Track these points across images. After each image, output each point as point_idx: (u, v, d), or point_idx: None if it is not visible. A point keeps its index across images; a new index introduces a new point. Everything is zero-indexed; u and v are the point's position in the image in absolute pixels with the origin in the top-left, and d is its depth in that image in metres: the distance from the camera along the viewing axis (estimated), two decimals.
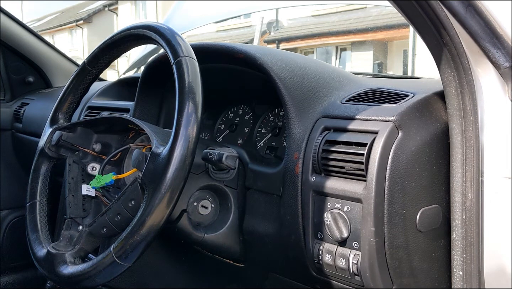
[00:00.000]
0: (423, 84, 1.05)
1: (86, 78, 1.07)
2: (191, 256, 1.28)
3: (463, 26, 0.74)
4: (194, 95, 0.81)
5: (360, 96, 0.96)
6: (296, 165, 0.93)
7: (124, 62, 4.66)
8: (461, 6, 0.73)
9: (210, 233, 1.04)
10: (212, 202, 1.04)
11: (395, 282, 0.83)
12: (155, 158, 0.82)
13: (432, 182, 0.83)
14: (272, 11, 3.59)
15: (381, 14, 3.82)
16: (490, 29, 0.73)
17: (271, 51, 1.17)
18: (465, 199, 0.79)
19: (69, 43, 21.14)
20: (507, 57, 0.73)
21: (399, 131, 0.81)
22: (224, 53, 1.12)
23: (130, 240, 0.78)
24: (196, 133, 0.79)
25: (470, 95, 0.78)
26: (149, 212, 0.77)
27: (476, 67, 0.77)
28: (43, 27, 21.02)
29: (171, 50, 0.86)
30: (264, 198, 1.02)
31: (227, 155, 0.98)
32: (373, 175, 0.80)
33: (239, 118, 1.27)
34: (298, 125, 0.96)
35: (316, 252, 0.89)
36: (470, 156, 0.78)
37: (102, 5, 20.08)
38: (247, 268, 1.11)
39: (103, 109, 1.52)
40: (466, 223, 0.79)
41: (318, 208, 0.89)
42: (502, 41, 0.73)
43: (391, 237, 0.80)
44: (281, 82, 0.99)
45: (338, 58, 7.83)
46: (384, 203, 0.80)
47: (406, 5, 0.78)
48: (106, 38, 1.02)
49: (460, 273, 0.81)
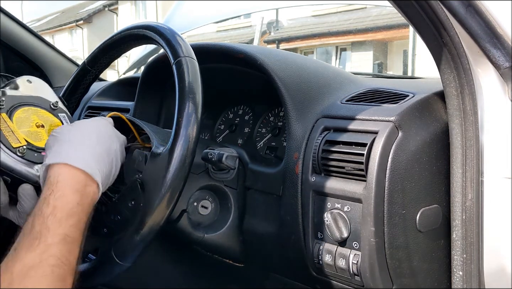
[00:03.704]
0: (423, 84, 1.05)
1: (86, 78, 1.07)
2: (191, 256, 1.28)
3: (463, 26, 0.74)
4: (194, 95, 0.81)
5: (360, 97, 0.96)
6: (296, 165, 0.93)
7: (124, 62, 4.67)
8: (461, 6, 0.73)
9: (210, 233, 1.04)
10: (212, 202, 1.04)
11: (395, 282, 0.83)
12: (155, 158, 0.82)
13: (432, 182, 0.83)
14: (272, 11, 3.60)
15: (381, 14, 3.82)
16: (490, 29, 0.73)
17: (271, 52, 1.17)
18: (465, 199, 0.79)
19: (69, 43, 21.14)
20: (507, 57, 0.73)
21: (399, 132, 0.81)
22: (224, 53, 1.12)
23: (130, 240, 0.78)
24: (196, 134, 0.79)
25: (470, 95, 0.78)
26: (149, 212, 0.77)
27: (476, 67, 0.77)
28: (43, 27, 21.02)
29: (171, 50, 0.86)
30: (264, 198, 1.02)
31: (227, 155, 0.98)
32: (373, 175, 0.80)
33: (239, 119, 1.27)
34: (298, 126, 0.96)
35: (316, 252, 0.89)
36: (470, 156, 0.78)
37: (102, 5, 20.08)
38: (247, 268, 1.11)
39: (103, 109, 1.52)
40: (466, 223, 0.79)
41: (318, 208, 0.89)
42: (502, 41, 0.73)
43: (391, 237, 0.80)
44: (281, 82, 0.99)
45: (338, 59, 7.84)
46: (384, 203, 0.80)
47: (406, 5, 0.78)
48: (106, 38, 1.02)
49: (460, 273, 0.81)
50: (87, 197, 0.73)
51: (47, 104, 0.94)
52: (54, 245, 0.66)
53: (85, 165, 0.74)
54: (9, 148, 0.83)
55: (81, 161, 0.74)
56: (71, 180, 0.73)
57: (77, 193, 0.72)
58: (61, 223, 0.68)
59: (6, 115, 0.86)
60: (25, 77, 0.94)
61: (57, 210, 0.69)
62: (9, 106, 0.88)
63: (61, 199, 0.70)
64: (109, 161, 0.80)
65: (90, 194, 0.74)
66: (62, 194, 0.71)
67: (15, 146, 0.84)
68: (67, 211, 0.70)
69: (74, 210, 0.70)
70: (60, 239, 0.67)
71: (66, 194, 0.71)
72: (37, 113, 0.91)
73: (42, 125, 0.90)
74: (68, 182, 0.72)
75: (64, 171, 0.73)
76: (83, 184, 0.73)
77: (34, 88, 0.94)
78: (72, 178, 0.73)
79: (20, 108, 0.89)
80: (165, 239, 1.20)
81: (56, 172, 0.73)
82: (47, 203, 0.69)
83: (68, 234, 0.68)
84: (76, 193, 0.72)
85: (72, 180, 0.73)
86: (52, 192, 0.71)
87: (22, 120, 0.88)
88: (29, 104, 0.91)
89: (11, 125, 0.86)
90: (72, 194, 0.71)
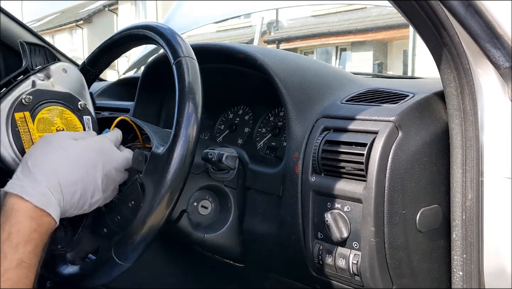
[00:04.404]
0: (423, 84, 1.05)
1: (86, 78, 1.07)
2: (191, 256, 1.28)
3: (463, 26, 0.74)
4: (194, 95, 0.81)
5: (360, 97, 0.96)
6: (296, 165, 0.93)
7: (124, 62, 4.67)
8: (461, 6, 0.73)
9: (210, 233, 1.04)
10: (212, 202, 1.04)
11: (395, 282, 0.83)
12: (155, 158, 0.82)
13: (432, 182, 0.83)
14: (272, 11, 3.59)
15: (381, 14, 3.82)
16: (490, 29, 0.73)
17: (271, 52, 1.17)
18: (465, 199, 0.79)
19: (69, 43, 21.13)
20: (507, 57, 0.73)
21: (399, 132, 0.81)
22: (224, 53, 1.12)
23: (130, 240, 0.78)
24: (196, 134, 0.79)
25: (470, 95, 0.78)
26: (149, 212, 0.77)
27: (476, 67, 0.77)
28: (43, 27, 21.01)
29: (171, 50, 0.85)
30: (264, 198, 1.02)
31: (227, 155, 0.98)
32: (373, 175, 0.80)
33: (239, 119, 1.27)
34: (298, 126, 0.96)
35: (316, 252, 0.89)
36: (470, 156, 0.78)
37: (102, 5, 20.08)
38: (247, 268, 1.11)
39: (103, 109, 1.52)
40: (466, 223, 0.79)
41: (318, 208, 0.89)
42: (502, 41, 0.73)
43: (391, 237, 0.80)
44: (281, 82, 0.99)
45: (338, 59, 7.84)
46: (384, 203, 0.80)
47: (406, 5, 0.78)
48: (106, 38, 1.02)
49: (460, 273, 0.81)
50: (43, 225, 0.73)
51: (76, 103, 0.90)
52: (11, 270, 0.67)
53: (38, 199, 0.73)
54: (21, 152, 0.81)
55: (36, 195, 0.73)
56: (26, 209, 0.72)
57: (33, 221, 0.71)
58: (17, 248, 0.68)
59: (29, 114, 0.83)
60: (61, 65, 0.89)
61: (13, 236, 0.69)
62: (35, 102, 0.84)
63: (16, 225, 0.70)
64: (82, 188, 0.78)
65: (45, 223, 0.73)
66: (17, 221, 0.70)
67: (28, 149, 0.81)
68: (23, 237, 0.69)
69: (30, 237, 0.70)
70: (17, 264, 0.67)
71: (21, 221, 0.70)
72: (62, 114, 0.88)
73: (63, 129, 0.88)
74: (23, 211, 0.71)
75: (19, 201, 0.72)
76: (39, 214, 0.72)
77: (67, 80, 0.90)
78: (26, 208, 0.72)
79: (46, 106, 0.86)
80: (165, 239, 1.20)
81: (12, 200, 0.72)
82: (3, 229, 0.69)
83: (25, 260, 0.68)
84: (32, 220, 0.71)
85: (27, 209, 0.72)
86: (7, 219, 0.70)
87: (44, 122, 0.85)
88: (57, 102, 0.87)
89: (31, 126, 0.83)
90: (28, 222, 0.71)
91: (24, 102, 0.83)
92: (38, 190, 0.73)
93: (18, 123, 0.82)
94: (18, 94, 0.83)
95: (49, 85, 0.87)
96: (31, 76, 0.85)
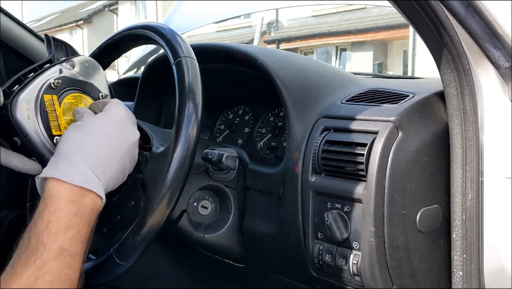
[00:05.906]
0: (423, 84, 1.05)
1: None
2: (191, 256, 1.28)
3: (463, 26, 0.74)
4: (194, 95, 0.81)
5: (360, 97, 0.96)
6: (296, 165, 0.93)
7: (124, 62, 4.66)
8: (461, 6, 0.73)
9: (210, 233, 1.04)
10: (212, 202, 1.04)
11: (395, 282, 0.83)
12: (155, 158, 0.82)
13: (432, 182, 0.83)
14: (272, 11, 3.59)
15: (381, 15, 3.82)
16: (490, 29, 0.73)
17: (271, 52, 1.17)
18: (465, 199, 0.79)
19: (69, 43, 21.10)
20: (507, 57, 0.73)
21: (399, 132, 0.81)
22: (224, 53, 1.12)
23: (131, 240, 0.78)
24: (196, 134, 0.79)
25: (470, 95, 0.78)
26: (149, 212, 0.77)
27: (476, 67, 0.77)
28: (43, 27, 21.01)
29: (171, 51, 0.86)
30: (264, 198, 1.02)
31: (227, 155, 0.98)
32: (373, 175, 0.80)
33: (239, 119, 1.27)
34: (298, 126, 0.96)
35: (316, 252, 0.89)
36: (470, 156, 0.78)
37: (102, 5, 20.08)
38: (247, 268, 1.11)
39: None
40: (466, 223, 0.79)
41: (318, 208, 0.89)
42: (502, 41, 0.73)
43: (391, 237, 0.80)
44: (281, 82, 0.99)
45: (338, 59, 7.83)
46: (384, 203, 0.80)
47: (406, 5, 0.78)
48: (106, 38, 1.02)
49: (460, 273, 0.81)
50: (85, 207, 0.71)
51: (97, 93, 0.92)
52: (51, 260, 0.65)
53: (78, 178, 0.72)
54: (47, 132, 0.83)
55: (74, 175, 0.72)
56: (65, 192, 0.70)
57: (73, 204, 0.70)
58: (57, 237, 0.67)
59: (57, 97, 0.85)
60: (84, 58, 0.92)
61: (52, 224, 0.67)
62: (62, 88, 0.86)
63: (55, 212, 0.68)
64: (118, 160, 0.78)
65: (89, 203, 0.72)
66: (57, 207, 0.69)
67: (55, 134, 0.83)
68: (63, 224, 0.68)
69: (71, 222, 0.69)
70: (57, 253, 0.66)
71: (61, 207, 0.69)
72: (85, 102, 0.90)
73: None
74: (62, 194, 0.70)
75: (57, 185, 0.71)
76: (79, 195, 0.71)
77: (89, 72, 0.92)
78: (65, 190, 0.70)
79: (71, 93, 0.88)
80: (166, 239, 1.20)
81: (50, 186, 0.71)
82: (42, 217, 0.68)
83: (66, 248, 0.67)
84: (73, 204, 0.70)
85: (66, 192, 0.70)
86: (46, 206, 0.69)
87: (68, 107, 0.87)
88: (81, 90, 0.90)
89: (58, 109, 0.85)
90: (67, 206, 0.69)
91: (52, 86, 0.85)
92: (75, 170, 0.72)
93: (47, 105, 0.84)
94: (47, 79, 0.85)
95: (74, 74, 0.89)
96: (57, 64, 0.88)
